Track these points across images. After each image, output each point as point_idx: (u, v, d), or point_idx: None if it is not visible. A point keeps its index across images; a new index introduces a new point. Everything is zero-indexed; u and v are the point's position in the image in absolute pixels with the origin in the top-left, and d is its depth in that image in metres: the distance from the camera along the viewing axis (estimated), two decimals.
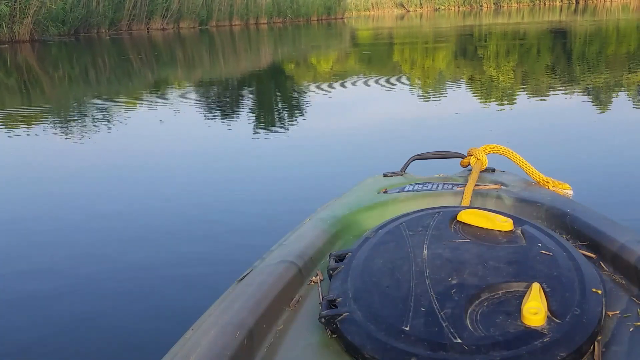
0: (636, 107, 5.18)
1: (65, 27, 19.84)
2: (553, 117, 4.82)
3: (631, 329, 0.90)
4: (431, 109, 5.68)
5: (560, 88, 6.52)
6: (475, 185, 1.50)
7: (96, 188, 3.40)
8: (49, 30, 18.93)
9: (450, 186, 1.53)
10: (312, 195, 3.02)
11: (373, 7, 44.63)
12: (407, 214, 1.26)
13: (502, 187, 1.51)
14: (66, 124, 5.70)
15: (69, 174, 3.75)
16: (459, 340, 0.84)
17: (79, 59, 12.96)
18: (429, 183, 1.58)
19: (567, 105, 5.38)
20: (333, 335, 0.93)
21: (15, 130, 5.50)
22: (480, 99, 6.26)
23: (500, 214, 1.20)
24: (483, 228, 1.16)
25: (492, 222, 1.17)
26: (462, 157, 1.74)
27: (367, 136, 4.43)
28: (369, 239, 1.17)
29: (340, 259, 1.13)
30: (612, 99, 5.63)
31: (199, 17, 25.27)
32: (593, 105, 5.43)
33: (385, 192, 1.54)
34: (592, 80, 6.93)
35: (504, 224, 1.16)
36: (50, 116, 6.35)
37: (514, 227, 1.16)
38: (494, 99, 6.13)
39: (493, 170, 1.69)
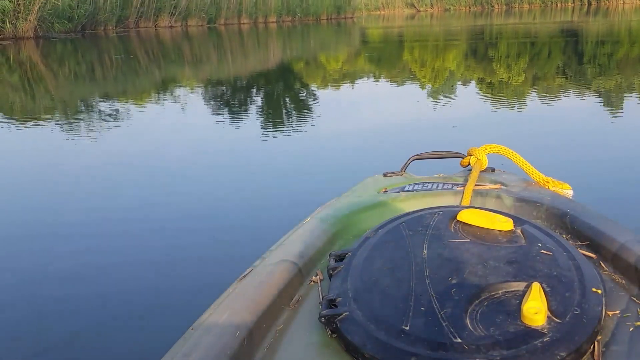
0: (636, 108, 5.17)
1: (71, 24, 19.39)
2: (553, 117, 4.83)
3: (631, 329, 0.90)
4: (431, 109, 5.68)
5: (561, 89, 6.52)
6: (475, 185, 1.50)
7: (96, 187, 3.39)
8: (54, 27, 18.68)
9: (450, 186, 1.53)
10: (312, 195, 3.02)
11: (383, 6, 44.29)
12: (407, 214, 1.26)
13: (502, 187, 1.51)
14: (70, 122, 5.66)
15: (72, 172, 3.74)
16: (459, 340, 0.84)
17: (84, 56, 12.87)
18: (428, 183, 1.58)
19: (567, 106, 5.38)
20: (333, 335, 0.93)
21: (19, 127, 5.48)
22: (481, 99, 6.26)
23: (500, 214, 1.20)
24: (483, 228, 1.16)
25: (492, 222, 1.16)
26: (462, 157, 1.74)
27: (367, 136, 4.43)
28: (369, 238, 1.17)
29: (340, 258, 1.13)
30: (613, 100, 5.63)
31: (207, 15, 25.09)
32: (593, 105, 5.42)
33: (385, 192, 1.54)
34: (593, 81, 6.93)
35: (504, 223, 1.16)
36: (54, 113, 6.31)
37: (514, 226, 1.16)
38: (494, 99, 6.13)
39: (493, 170, 1.69)
